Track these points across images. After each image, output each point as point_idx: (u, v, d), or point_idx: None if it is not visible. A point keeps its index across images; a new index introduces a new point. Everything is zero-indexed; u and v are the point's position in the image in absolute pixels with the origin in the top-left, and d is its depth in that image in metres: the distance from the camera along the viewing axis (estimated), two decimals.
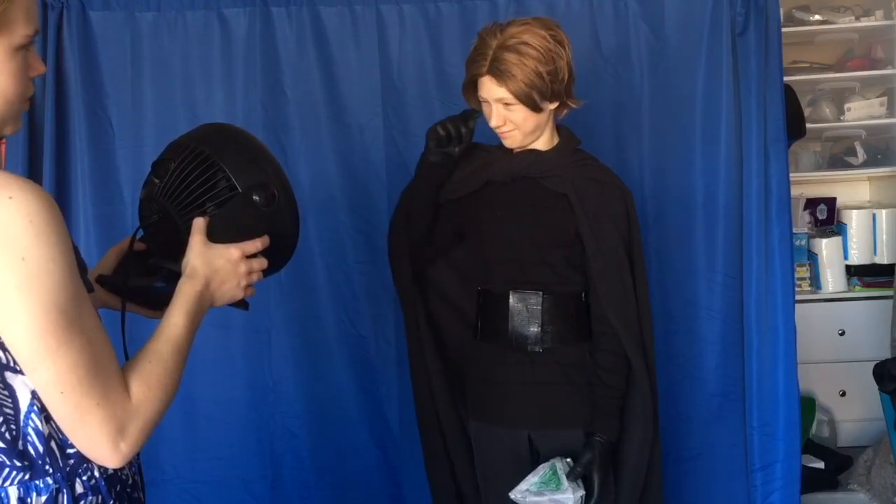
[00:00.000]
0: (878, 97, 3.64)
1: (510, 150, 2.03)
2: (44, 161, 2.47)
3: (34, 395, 1.10)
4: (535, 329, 1.98)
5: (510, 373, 2.01)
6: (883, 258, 3.61)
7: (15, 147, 2.46)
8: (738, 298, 2.48)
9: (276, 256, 1.41)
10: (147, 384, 1.13)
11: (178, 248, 1.34)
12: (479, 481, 2.13)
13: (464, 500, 2.15)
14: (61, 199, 2.49)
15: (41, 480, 1.12)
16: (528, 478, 1.93)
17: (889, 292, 3.35)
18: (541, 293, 1.98)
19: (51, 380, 1.05)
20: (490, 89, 1.90)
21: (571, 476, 1.91)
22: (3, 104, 1.14)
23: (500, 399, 2.03)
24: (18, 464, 1.10)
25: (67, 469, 1.14)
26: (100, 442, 1.08)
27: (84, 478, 1.15)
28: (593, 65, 2.47)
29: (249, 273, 1.33)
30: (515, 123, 1.93)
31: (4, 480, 1.10)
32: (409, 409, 2.25)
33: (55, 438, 1.12)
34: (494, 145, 2.08)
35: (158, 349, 1.19)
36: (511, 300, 1.99)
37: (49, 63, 2.45)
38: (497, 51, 1.87)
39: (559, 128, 2.03)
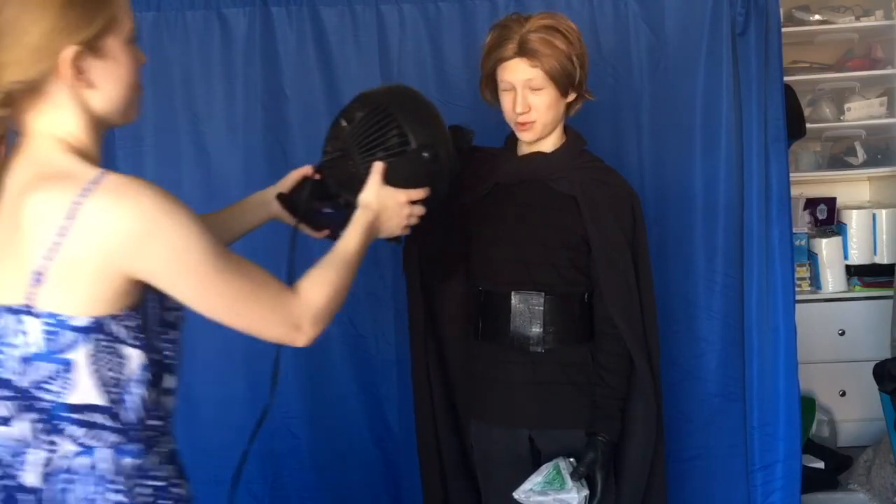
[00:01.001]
0: (878, 97, 3.64)
1: (515, 152, 2.03)
2: None
3: (144, 367, 1.21)
4: (537, 330, 1.98)
5: (511, 373, 2.01)
6: (883, 258, 3.61)
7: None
8: (739, 298, 2.48)
9: (428, 209, 1.68)
10: (313, 282, 1.36)
11: (350, 182, 1.64)
12: (479, 482, 2.12)
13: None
14: None
15: (129, 446, 1.22)
16: (531, 478, 1.93)
17: (889, 292, 3.35)
18: (543, 294, 1.98)
19: (226, 312, 1.26)
20: (520, 71, 1.90)
21: (575, 475, 1.91)
22: (128, 92, 1.30)
23: (501, 399, 2.03)
24: (116, 426, 1.20)
25: (148, 439, 1.25)
26: (283, 336, 1.33)
27: (157, 448, 1.27)
28: (593, 65, 2.44)
29: (410, 216, 1.64)
30: (538, 112, 1.92)
31: (100, 441, 1.20)
32: (409, 409, 2.25)
33: (145, 410, 1.23)
34: (497, 148, 2.08)
35: (330, 259, 1.44)
36: (513, 301, 1.99)
37: None
38: (526, 34, 1.89)
39: (566, 128, 2.03)
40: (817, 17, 3.61)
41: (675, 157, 2.52)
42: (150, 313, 1.22)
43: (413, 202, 1.64)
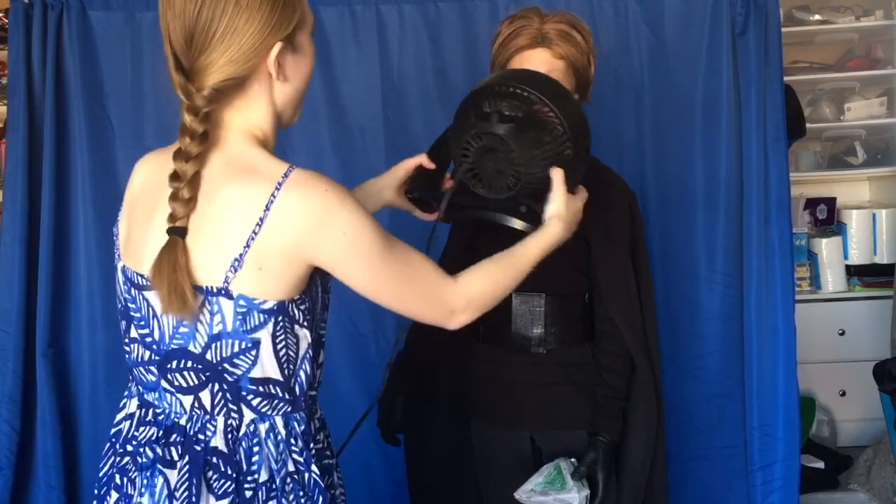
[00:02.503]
0: (878, 97, 3.64)
1: None
2: (44, 161, 2.47)
3: (310, 345, 1.33)
4: (538, 331, 1.98)
5: (513, 374, 2.01)
6: (883, 258, 3.61)
7: (15, 147, 2.46)
8: (738, 298, 2.47)
9: None
10: (476, 275, 1.46)
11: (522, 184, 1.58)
12: (480, 482, 2.12)
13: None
14: (61, 199, 2.49)
15: (298, 414, 1.35)
16: (532, 478, 1.93)
17: (889, 292, 3.35)
18: (543, 295, 1.97)
19: (390, 295, 1.36)
20: (543, 61, 1.90)
21: (576, 476, 1.91)
22: (305, 87, 1.38)
23: (502, 400, 2.03)
24: (288, 397, 1.33)
25: (309, 409, 1.39)
26: (438, 319, 1.42)
27: (316, 416, 1.42)
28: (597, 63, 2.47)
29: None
30: None
31: (274, 410, 1.32)
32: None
33: (308, 383, 1.36)
34: None
35: (505, 258, 1.52)
36: (514, 302, 1.98)
37: (49, 63, 2.46)
38: (547, 25, 1.90)
39: None
40: (817, 17, 3.61)
41: (675, 157, 2.52)
42: (315, 296, 1.34)
43: None
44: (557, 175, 1.58)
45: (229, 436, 1.29)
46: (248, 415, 1.30)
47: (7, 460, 2.46)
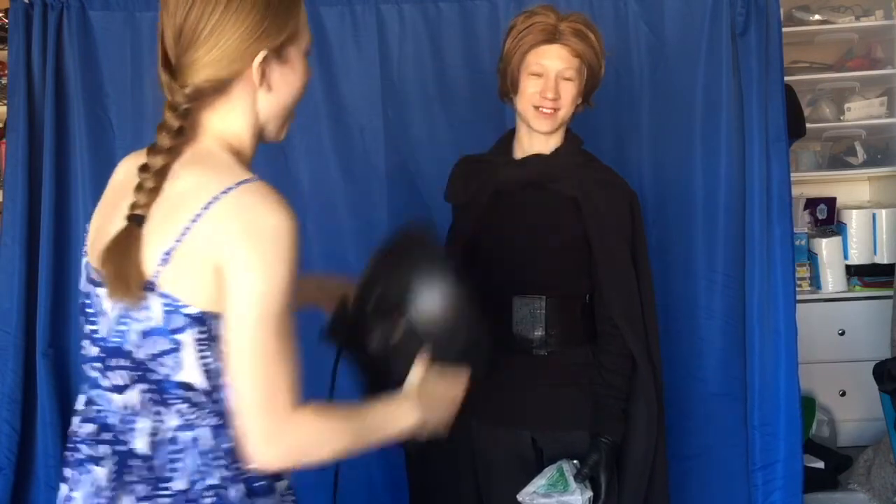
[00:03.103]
0: (878, 97, 3.64)
1: (512, 156, 2.03)
2: (44, 161, 2.47)
3: None
4: (539, 333, 1.98)
5: (514, 375, 2.00)
6: (883, 258, 3.60)
7: (15, 147, 2.46)
8: (739, 298, 2.48)
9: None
10: (320, 418, 1.27)
11: (391, 349, 1.49)
12: (481, 484, 2.12)
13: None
14: (61, 199, 2.49)
15: (226, 430, 1.25)
16: (535, 480, 1.93)
17: (889, 292, 3.34)
18: (544, 297, 1.97)
19: (241, 363, 1.19)
20: (559, 58, 1.91)
21: (579, 477, 1.90)
22: (293, 101, 1.33)
23: (503, 401, 2.02)
24: (214, 410, 1.25)
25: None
26: (251, 434, 1.20)
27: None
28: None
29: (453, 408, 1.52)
30: (564, 102, 1.93)
31: (200, 419, 1.25)
32: None
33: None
34: (493, 154, 2.07)
35: (356, 415, 1.34)
36: (515, 304, 1.98)
37: (49, 63, 2.46)
38: (563, 24, 1.92)
39: (565, 129, 2.03)
40: (817, 17, 3.61)
41: (676, 157, 2.52)
42: None
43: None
44: (422, 357, 1.46)
45: (151, 439, 1.25)
46: (172, 420, 1.25)
47: (7, 460, 2.46)
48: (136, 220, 1.23)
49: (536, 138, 1.99)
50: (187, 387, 1.24)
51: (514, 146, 2.04)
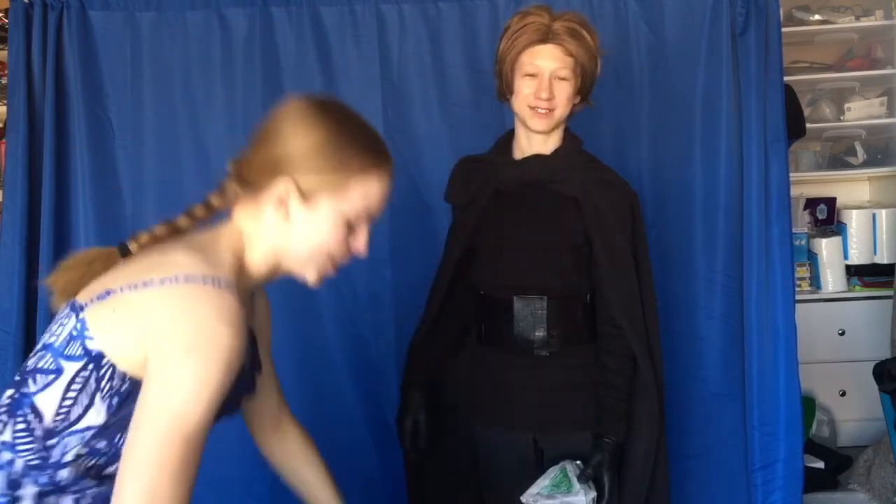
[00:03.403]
0: (878, 97, 3.64)
1: (512, 157, 2.03)
2: (44, 161, 2.47)
3: (95, 433, 1.20)
4: (540, 333, 1.98)
5: (516, 376, 2.01)
6: (883, 258, 3.60)
7: (15, 147, 2.46)
8: (739, 298, 2.47)
9: None
10: None
11: None
12: (483, 486, 2.12)
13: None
14: (61, 199, 2.49)
15: (45, 476, 1.22)
16: (538, 481, 1.93)
17: (889, 292, 3.34)
18: (545, 297, 1.97)
19: (128, 465, 1.11)
20: (553, 57, 1.91)
21: (582, 478, 1.90)
22: (314, 254, 1.30)
23: (505, 402, 2.03)
24: (42, 450, 1.21)
25: (58, 485, 1.24)
26: None
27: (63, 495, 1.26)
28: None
29: None
30: (559, 101, 1.93)
31: (25, 450, 1.21)
32: None
33: (74, 472, 1.23)
34: (493, 154, 2.07)
35: None
36: (516, 305, 1.98)
37: (49, 63, 2.46)
38: (558, 24, 1.91)
39: (564, 129, 2.03)
40: (817, 17, 3.61)
41: (675, 157, 2.52)
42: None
43: None
44: None
45: None
46: (5, 433, 1.21)
47: None
48: (122, 248, 1.27)
49: (535, 138, 1.99)
50: (36, 413, 1.20)
51: (513, 147, 2.04)
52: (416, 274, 2.33)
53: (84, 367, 1.19)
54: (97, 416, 1.20)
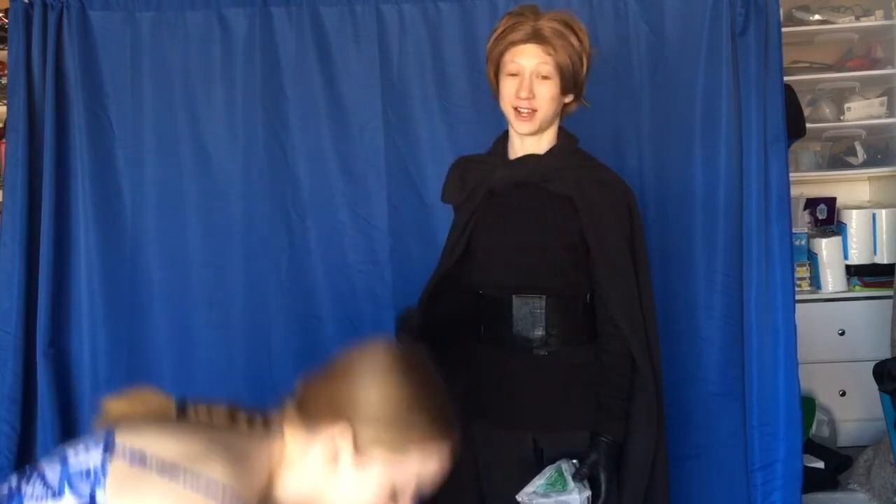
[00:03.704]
0: (878, 97, 3.64)
1: (506, 157, 2.03)
2: (44, 161, 2.47)
3: None
4: (539, 332, 1.97)
5: (515, 375, 2.00)
6: (883, 258, 3.60)
7: (15, 147, 2.46)
8: (738, 298, 2.47)
9: None
10: None
11: None
12: (482, 484, 2.12)
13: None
14: (61, 199, 2.50)
15: None
16: (534, 480, 1.93)
17: (889, 292, 3.34)
18: (544, 296, 1.97)
19: None
20: (532, 56, 1.91)
21: (577, 477, 1.90)
22: None
23: (504, 401, 2.02)
24: None
25: None
26: None
27: None
28: (593, 64, 2.47)
29: None
30: (541, 101, 1.92)
31: None
32: None
33: None
34: (487, 155, 2.07)
35: None
36: (515, 304, 1.98)
37: (49, 63, 2.46)
38: (541, 22, 1.91)
39: (558, 129, 2.03)
40: (817, 17, 3.62)
41: (675, 157, 2.51)
42: None
43: None
44: None
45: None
46: None
47: (7, 460, 2.46)
48: (179, 404, 1.27)
49: (528, 139, 1.99)
50: None
51: (509, 146, 2.04)
52: (416, 274, 2.33)
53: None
54: None
